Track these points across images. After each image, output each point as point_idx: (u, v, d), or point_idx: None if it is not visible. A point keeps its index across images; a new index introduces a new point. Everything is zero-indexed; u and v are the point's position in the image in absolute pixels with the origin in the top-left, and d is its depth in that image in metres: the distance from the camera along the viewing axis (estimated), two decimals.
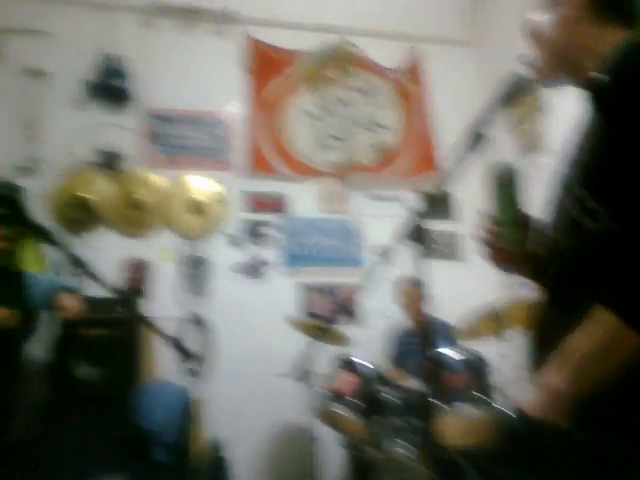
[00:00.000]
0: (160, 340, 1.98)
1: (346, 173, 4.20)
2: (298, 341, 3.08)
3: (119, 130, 3.76)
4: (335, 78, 4.40)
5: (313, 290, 3.96)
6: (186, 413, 2.97)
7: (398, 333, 3.46)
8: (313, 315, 3.82)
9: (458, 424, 2.40)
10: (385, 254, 1.76)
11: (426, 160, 4.35)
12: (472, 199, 3.70)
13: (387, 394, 2.69)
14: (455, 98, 4.29)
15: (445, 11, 4.62)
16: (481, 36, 4.53)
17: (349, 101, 4.39)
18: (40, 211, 3.45)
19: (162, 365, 3.18)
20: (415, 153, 4.37)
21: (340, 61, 4.44)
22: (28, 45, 3.49)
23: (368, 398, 2.68)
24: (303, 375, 2.95)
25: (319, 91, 4.34)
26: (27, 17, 3.58)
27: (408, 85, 4.50)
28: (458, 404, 2.44)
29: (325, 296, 3.96)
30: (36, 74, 3.69)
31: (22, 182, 3.53)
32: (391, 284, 3.41)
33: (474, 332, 2.85)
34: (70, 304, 2.63)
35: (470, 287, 3.69)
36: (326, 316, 3.77)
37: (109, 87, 3.77)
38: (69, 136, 3.66)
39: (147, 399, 2.98)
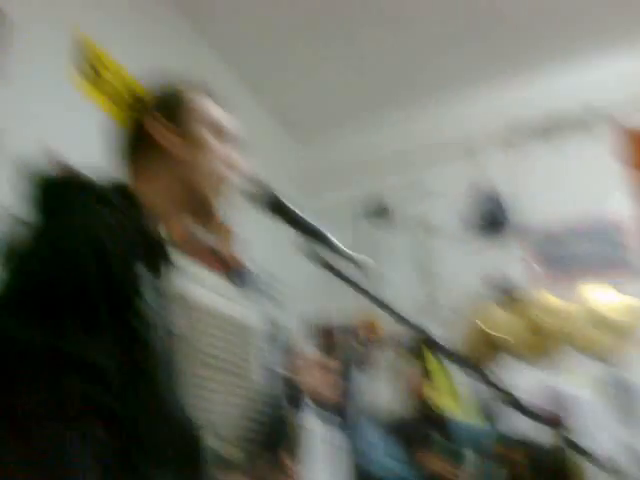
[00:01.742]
0: None
1: None
2: None
3: (506, 258, 3.76)
4: None
5: None
6: None
7: None
8: None
9: None
10: None
11: None
12: None
13: None
14: None
15: None
16: None
17: None
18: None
19: None
20: None
21: None
22: (416, 204, 3.90)
23: None
24: None
25: None
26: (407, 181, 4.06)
27: None
28: None
29: None
30: (424, 227, 4.04)
31: (431, 326, 3.80)
32: None
33: None
34: (514, 456, 2.52)
35: None
36: None
37: (488, 220, 3.87)
38: (461, 275, 3.82)
39: None
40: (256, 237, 3.18)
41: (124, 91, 2.85)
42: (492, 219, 3.85)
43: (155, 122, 1.02)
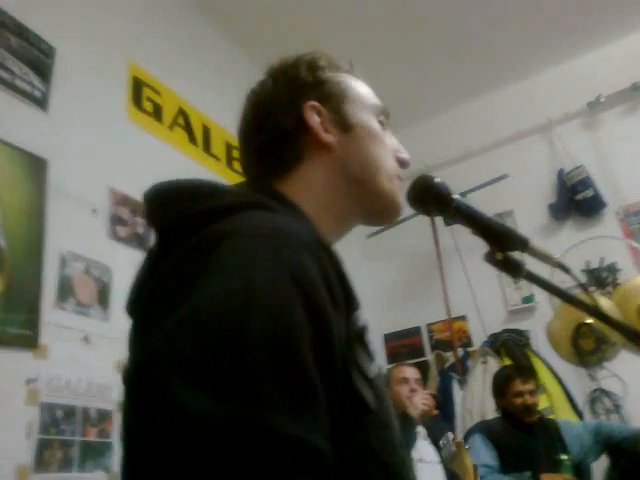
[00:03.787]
0: None
1: None
2: None
3: (603, 241, 3.38)
4: None
5: None
6: None
7: None
8: None
9: None
10: None
11: None
12: None
13: None
14: None
15: None
16: None
17: None
18: (545, 349, 3.28)
19: None
20: None
21: None
22: (489, 192, 3.61)
23: None
24: None
25: None
26: (485, 170, 3.79)
27: None
28: None
29: None
30: (501, 216, 3.72)
31: (521, 325, 3.50)
32: None
33: None
34: None
35: None
36: None
37: (575, 202, 3.51)
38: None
39: None
40: None
41: (181, 116, 2.82)
42: (581, 202, 3.49)
43: (313, 112, 0.78)
